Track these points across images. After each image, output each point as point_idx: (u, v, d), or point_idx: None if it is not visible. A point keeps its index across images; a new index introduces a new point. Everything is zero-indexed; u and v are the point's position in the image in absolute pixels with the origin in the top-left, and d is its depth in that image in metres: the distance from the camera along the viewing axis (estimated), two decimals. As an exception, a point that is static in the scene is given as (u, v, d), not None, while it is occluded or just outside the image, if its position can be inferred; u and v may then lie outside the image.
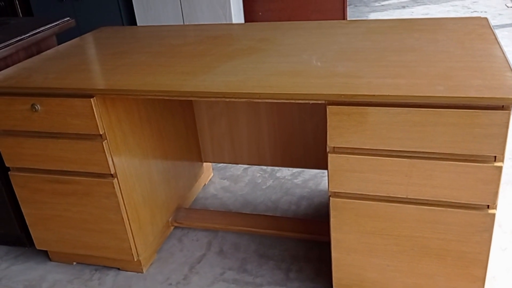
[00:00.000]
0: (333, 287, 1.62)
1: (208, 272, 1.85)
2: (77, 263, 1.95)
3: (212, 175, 2.51)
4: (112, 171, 1.62)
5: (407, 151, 1.34)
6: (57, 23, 2.09)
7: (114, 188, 1.64)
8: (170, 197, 2.04)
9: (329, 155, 1.40)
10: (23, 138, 1.65)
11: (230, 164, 2.54)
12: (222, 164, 2.57)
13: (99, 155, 1.59)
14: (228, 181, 2.45)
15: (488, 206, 1.34)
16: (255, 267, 1.85)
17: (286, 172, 2.47)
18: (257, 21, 4.23)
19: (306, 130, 2.11)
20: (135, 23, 3.98)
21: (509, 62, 1.37)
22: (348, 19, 4.45)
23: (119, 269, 1.90)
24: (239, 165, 2.50)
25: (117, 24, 3.93)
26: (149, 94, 1.46)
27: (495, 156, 1.27)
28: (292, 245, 1.95)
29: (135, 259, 1.80)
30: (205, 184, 2.43)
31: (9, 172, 1.75)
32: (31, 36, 1.94)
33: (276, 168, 2.50)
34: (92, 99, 1.51)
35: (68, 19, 2.16)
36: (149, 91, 1.45)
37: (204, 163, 2.39)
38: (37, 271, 1.93)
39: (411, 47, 1.57)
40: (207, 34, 1.95)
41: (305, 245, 1.94)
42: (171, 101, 2.00)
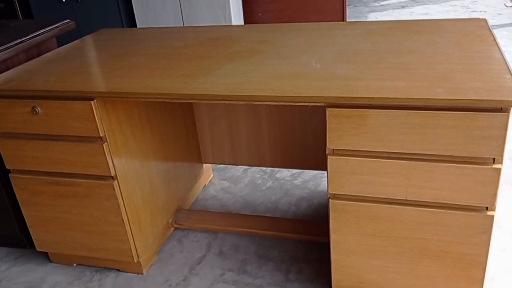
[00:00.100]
0: (333, 289, 1.63)
1: (208, 273, 1.85)
2: (77, 264, 1.95)
3: (212, 176, 2.51)
4: (113, 173, 1.63)
5: (407, 153, 1.34)
6: (57, 25, 2.09)
7: (114, 190, 1.64)
8: (170, 199, 2.04)
9: (328, 157, 1.40)
10: (23, 141, 1.66)
11: (230, 165, 2.55)
12: (222, 165, 2.58)
13: (99, 157, 1.60)
14: (228, 182, 2.45)
15: (487, 208, 1.35)
16: (254, 268, 1.86)
17: (285, 173, 2.47)
18: (256, 22, 4.23)
19: (306, 131, 2.11)
20: (134, 24, 3.99)
21: (508, 64, 1.38)
22: (347, 19, 4.45)
23: (119, 270, 1.90)
24: (239, 166, 2.50)
25: (117, 25, 3.93)
26: (149, 97, 1.46)
27: (494, 158, 1.28)
28: (291, 246, 1.95)
29: (135, 261, 1.81)
30: (205, 185, 2.44)
31: (9, 174, 1.75)
32: (31, 38, 1.95)
33: (276, 169, 2.50)
34: (92, 101, 1.52)
35: (68, 21, 2.16)
36: (149, 94, 1.45)
37: (204, 164, 2.39)
38: (37, 273, 1.93)
39: (410, 49, 1.57)
40: (207, 36, 1.95)
41: (304, 246, 1.94)
42: (172, 103, 2.00)
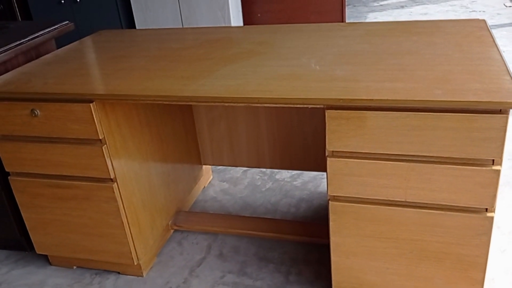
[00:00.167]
0: (333, 290, 1.63)
1: (208, 276, 1.85)
2: (77, 267, 1.95)
3: (211, 177, 2.51)
4: (112, 176, 1.63)
5: (406, 155, 1.34)
6: (56, 27, 2.09)
7: (113, 192, 1.64)
8: (169, 201, 2.04)
9: (328, 159, 1.40)
10: (22, 143, 1.66)
11: (230, 167, 2.55)
12: (221, 166, 2.57)
13: (98, 159, 1.60)
14: (228, 183, 2.45)
15: (486, 209, 1.35)
16: (255, 270, 1.86)
17: (285, 174, 2.47)
18: (255, 23, 4.23)
19: (305, 132, 2.11)
20: (133, 25, 3.98)
21: (507, 65, 1.37)
22: (347, 19, 4.45)
23: (119, 273, 1.90)
24: (239, 167, 2.50)
25: (116, 26, 3.93)
26: (149, 99, 1.46)
27: (493, 160, 1.28)
28: (291, 248, 1.95)
29: (135, 263, 1.81)
30: (204, 187, 2.43)
31: (9, 177, 1.75)
32: (30, 40, 1.94)
33: (276, 170, 2.50)
34: (91, 104, 1.51)
35: (67, 22, 2.16)
36: (149, 96, 1.45)
37: (204, 166, 2.39)
38: (37, 276, 1.93)
39: (409, 50, 1.57)
40: (206, 37, 1.95)
41: (304, 248, 1.94)
42: (171, 105, 2.00)
